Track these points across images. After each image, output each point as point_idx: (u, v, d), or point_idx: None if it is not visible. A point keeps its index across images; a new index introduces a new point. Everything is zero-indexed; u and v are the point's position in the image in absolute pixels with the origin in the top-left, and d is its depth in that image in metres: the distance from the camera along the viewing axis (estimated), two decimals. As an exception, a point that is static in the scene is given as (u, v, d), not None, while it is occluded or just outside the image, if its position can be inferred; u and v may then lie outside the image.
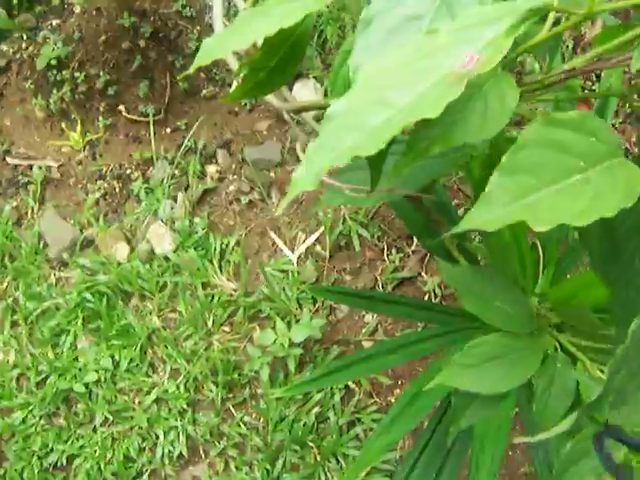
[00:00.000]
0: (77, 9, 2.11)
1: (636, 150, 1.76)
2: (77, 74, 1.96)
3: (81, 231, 1.87)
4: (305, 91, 1.98)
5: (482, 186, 0.43)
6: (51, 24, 2.11)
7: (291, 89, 1.99)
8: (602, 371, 0.79)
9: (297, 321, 1.77)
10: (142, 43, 1.98)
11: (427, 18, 0.46)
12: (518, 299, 0.75)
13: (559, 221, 0.41)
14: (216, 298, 1.80)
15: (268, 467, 1.65)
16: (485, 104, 0.44)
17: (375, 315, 1.82)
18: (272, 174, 1.93)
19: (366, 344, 1.82)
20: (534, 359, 0.71)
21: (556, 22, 0.49)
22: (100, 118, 1.98)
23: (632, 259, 0.60)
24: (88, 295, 1.76)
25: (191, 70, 0.60)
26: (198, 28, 2.05)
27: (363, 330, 1.81)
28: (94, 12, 2.05)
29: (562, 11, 0.43)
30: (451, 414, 0.75)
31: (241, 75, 0.68)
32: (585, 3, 0.43)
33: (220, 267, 1.84)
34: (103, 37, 1.97)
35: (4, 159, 2.00)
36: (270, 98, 0.76)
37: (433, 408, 1.26)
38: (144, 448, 1.69)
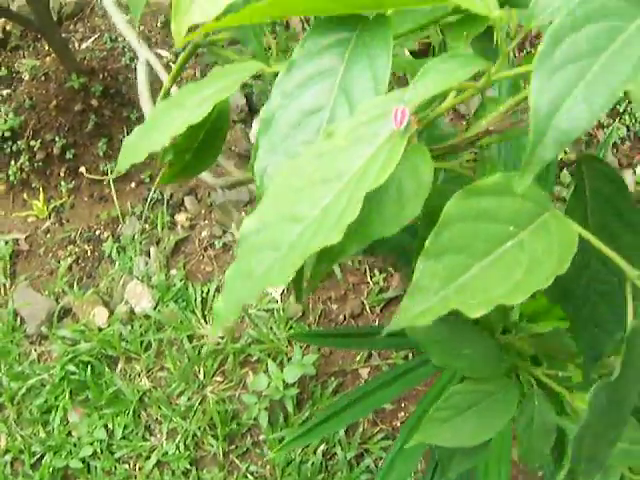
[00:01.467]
0: (26, 76, 2.09)
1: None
2: (33, 142, 1.93)
3: (57, 301, 1.83)
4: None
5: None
6: (1, 95, 2.08)
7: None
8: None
9: (289, 360, 1.73)
10: (94, 102, 1.95)
11: (327, 109, 0.44)
12: (486, 342, 0.72)
13: (494, 302, 0.38)
14: (204, 349, 1.76)
15: (281, 515, 1.61)
16: (400, 188, 0.41)
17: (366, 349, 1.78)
18: (243, 214, 1.90)
19: (363, 372, 1.79)
20: (510, 401, 0.69)
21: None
22: (62, 183, 1.95)
23: (587, 294, 0.57)
24: (72, 367, 1.72)
25: (118, 171, 0.58)
26: (148, 78, 2.03)
27: (357, 358, 1.78)
28: (43, 77, 2.03)
29: (462, 88, 0.41)
30: (439, 467, 0.72)
31: (168, 159, 0.66)
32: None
33: (204, 316, 1.80)
34: (54, 102, 1.95)
35: (-29, 238, 1.97)
36: (204, 176, 0.74)
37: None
38: (151, 514, 1.65)
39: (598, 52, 0.33)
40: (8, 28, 2.13)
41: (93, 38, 2.12)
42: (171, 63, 2.07)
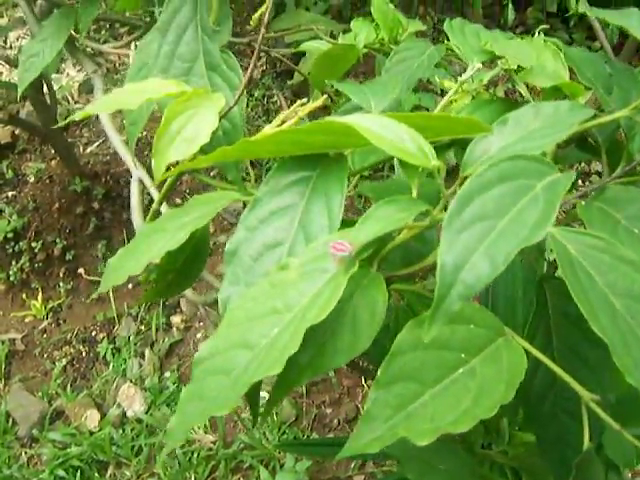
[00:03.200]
0: (31, 178, 2.15)
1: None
2: (34, 243, 1.97)
3: (50, 403, 1.81)
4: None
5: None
6: (7, 196, 2.14)
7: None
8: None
9: (281, 466, 1.70)
10: (96, 205, 2.00)
11: (287, 244, 0.46)
12: (462, 458, 0.71)
13: (440, 430, 0.39)
14: (195, 454, 1.73)
15: None
16: (354, 318, 0.43)
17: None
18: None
19: (357, 479, 1.75)
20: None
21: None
22: (61, 283, 1.97)
23: (553, 412, 0.57)
24: (61, 472, 1.69)
25: (101, 290, 0.60)
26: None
27: (352, 464, 1.74)
28: (47, 180, 2.08)
29: (410, 226, 0.43)
30: None
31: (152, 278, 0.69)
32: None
33: (196, 420, 1.78)
34: (57, 204, 2.00)
35: (-33, 337, 1.98)
36: (187, 293, 0.76)
37: None
38: None
39: (503, 213, 0.35)
40: (17, 132, 2.21)
41: (97, 143, 2.19)
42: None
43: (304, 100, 0.56)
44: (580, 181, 2.20)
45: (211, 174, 1.85)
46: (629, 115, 0.49)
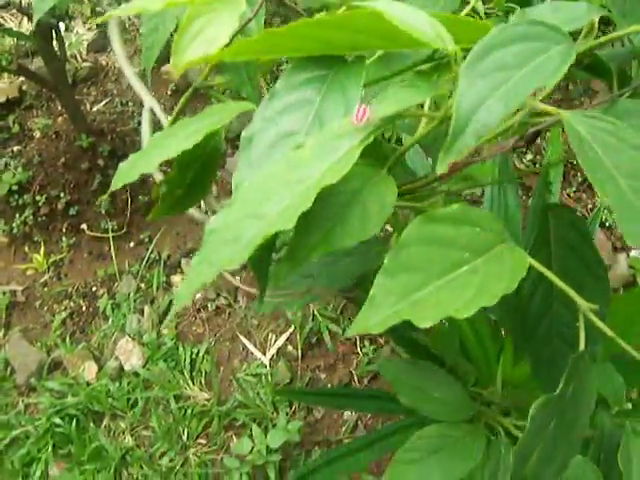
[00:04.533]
0: (37, 134, 2.16)
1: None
2: (38, 197, 1.98)
3: (48, 354, 1.84)
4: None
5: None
6: (12, 150, 2.15)
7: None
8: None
9: (274, 425, 1.72)
10: (101, 162, 2.01)
11: (302, 133, 0.48)
12: (455, 388, 0.73)
13: (442, 315, 0.41)
14: (189, 410, 1.76)
15: None
16: (364, 207, 0.45)
17: (354, 411, 1.77)
18: (237, 278, 1.93)
19: (348, 442, 1.77)
20: (476, 448, 0.69)
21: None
22: (63, 238, 1.99)
23: (549, 336, 0.59)
24: (57, 420, 1.71)
25: (112, 189, 0.61)
26: (156, 142, 2.10)
27: (343, 428, 1.77)
28: (53, 136, 2.10)
29: (425, 115, 0.45)
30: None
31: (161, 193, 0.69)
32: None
33: (192, 377, 1.81)
34: (62, 159, 2.01)
35: (-31, 288, 2.00)
36: (192, 212, 0.77)
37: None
38: None
39: (520, 66, 0.38)
40: (24, 88, 2.22)
41: (105, 101, 2.20)
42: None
43: (322, 12, 0.58)
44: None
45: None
46: (641, 30, 0.50)
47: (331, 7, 1.00)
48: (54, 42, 1.73)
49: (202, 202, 0.78)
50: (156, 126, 0.90)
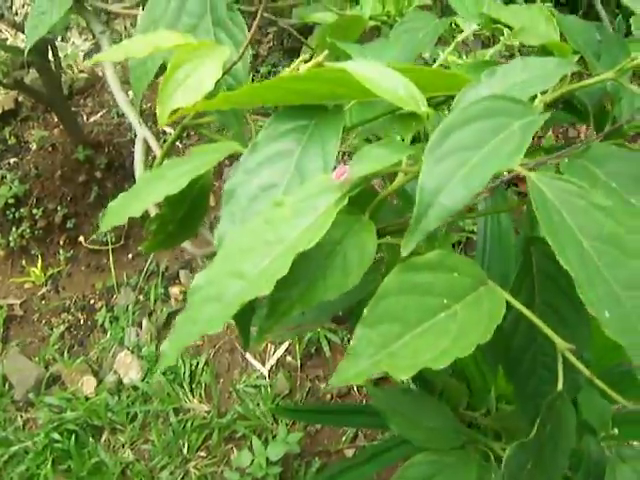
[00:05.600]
0: (33, 146, 2.16)
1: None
2: (35, 210, 1.98)
3: (46, 368, 1.84)
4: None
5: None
6: (8, 162, 2.15)
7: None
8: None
9: (274, 437, 1.72)
10: (98, 174, 2.01)
11: (282, 185, 0.48)
12: (445, 415, 0.73)
13: (420, 366, 0.42)
14: (189, 423, 1.76)
15: None
16: (344, 258, 0.45)
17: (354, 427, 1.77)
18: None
19: (348, 452, 1.77)
20: (467, 473, 0.70)
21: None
22: (61, 251, 1.99)
23: (533, 366, 0.59)
24: (56, 435, 1.71)
25: (102, 229, 0.62)
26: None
27: (343, 438, 1.77)
28: (50, 148, 2.09)
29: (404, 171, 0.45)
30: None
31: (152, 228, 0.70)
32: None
33: (191, 390, 1.81)
34: (59, 172, 2.01)
35: (-33, 302, 2.00)
36: (185, 245, 0.78)
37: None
38: None
39: (480, 145, 0.38)
40: (20, 99, 2.22)
41: (101, 113, 2.20)
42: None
43: (305, 56, 0.57)
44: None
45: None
46: (614, 77, 0.50)
47: (322, 24, 1.00)
48: (49, 56, 1.73)
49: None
50: (150, 154, 0.90)
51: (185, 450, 1.73)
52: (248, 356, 1.87)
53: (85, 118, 2.23)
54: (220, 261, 0.45)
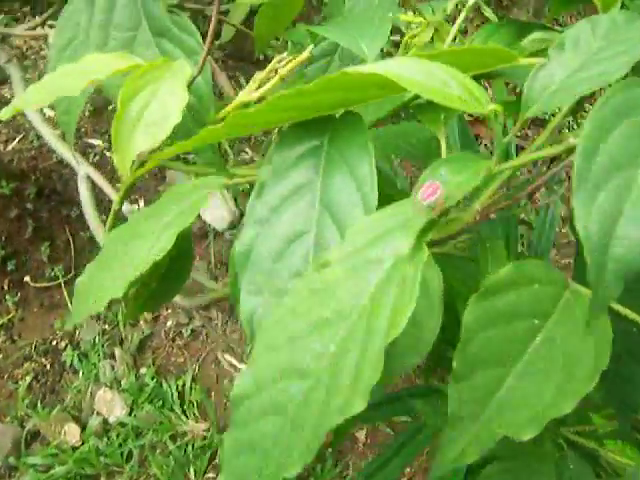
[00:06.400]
0: (-49, 189, 1.97)
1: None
2: (-30, 259, 1.81)
3: (22, 426, 1.68)
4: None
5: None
6: None
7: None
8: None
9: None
10: (30, 206, 1.85)
11: (311, 233, 0.36)
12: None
13: (544, 417, 0.32)
14: (190, 446, 1.65)
15: None
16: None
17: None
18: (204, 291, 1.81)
19: (359, 435, 1.71)
20: (547, 471, 0.62)
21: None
22: (7, 297, 1.83)
23: (615, 351, 0.51)
24: (49, 496, 1.58)
25: (75, 322, 0.50)
26: (83, 170, 1.93)
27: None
28: (-30, 188, 1.91)
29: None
30: None
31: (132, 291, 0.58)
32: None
33: (184, 412, 1.69)
34: (-14, 212, 1.83)
35: None
36: (176, 299, 0.66)
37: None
38: None
39: (634, 158, 0.26)
40: None
41: (18, 138, 2.02)
42: (105, 151, 1.98)
43: (283, 55, 0.46)
44: None
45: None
46: None
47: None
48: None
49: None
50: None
51: (192, 476, 1.62)
52: (234, 361, 1.76)
53: (1, 147, 2.04)
54: (264, 356, 0.33)
